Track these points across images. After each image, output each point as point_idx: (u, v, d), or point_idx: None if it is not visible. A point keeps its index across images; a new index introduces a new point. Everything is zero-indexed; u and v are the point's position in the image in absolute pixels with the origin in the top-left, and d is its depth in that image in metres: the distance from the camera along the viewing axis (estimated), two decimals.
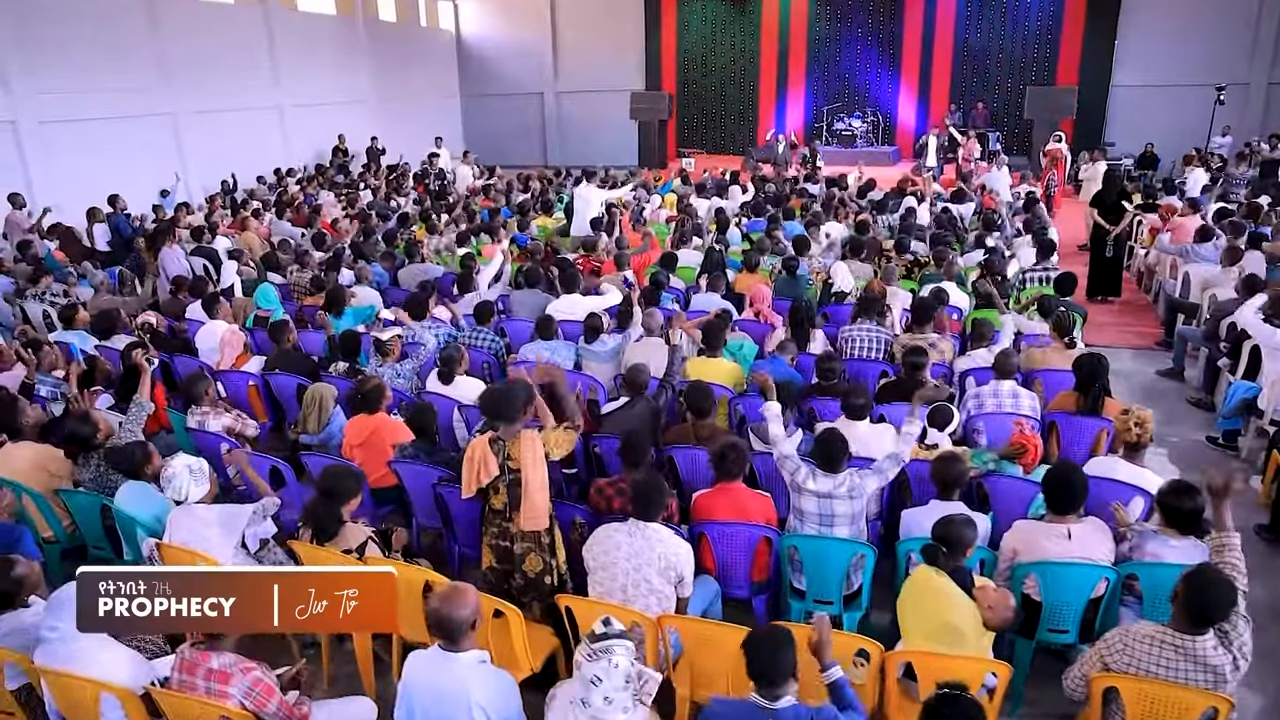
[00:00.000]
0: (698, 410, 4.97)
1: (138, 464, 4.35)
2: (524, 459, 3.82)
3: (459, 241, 10.12)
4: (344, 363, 6.20)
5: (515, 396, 3.86)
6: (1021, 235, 10.20)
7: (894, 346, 6.41)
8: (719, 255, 8.56)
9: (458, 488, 4.50)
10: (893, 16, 21.62)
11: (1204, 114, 19.08)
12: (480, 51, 25.10)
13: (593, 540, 3.73)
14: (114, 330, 7.09)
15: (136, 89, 14.10)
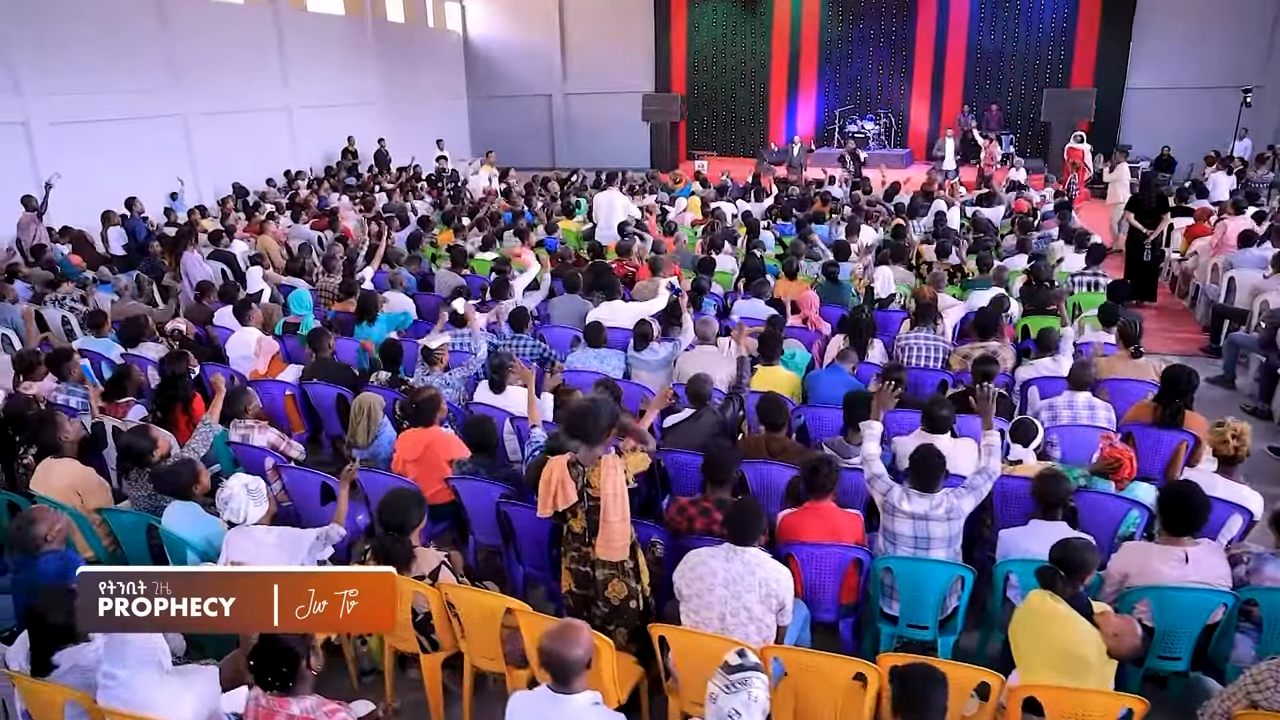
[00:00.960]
0: (771, 423, 4.76)
1: (186, 484, 4.12)
2: (604, 489, 3.61)
3: (485, 245, 9.91)
4: (385, 372, 5.97)
5: (600, 416, 3.63)
6: (1054, 239, 10.03)
7: (952, 356, 6.22)
8: (758, 260, 8.35)
9: (523, 506, 4.32)
10: (905, 18, 21.45)
11: (1219, 117, 18.98)
12: (488, 53, 24.88)
13: (685, 566, 3.51)
14: (141, 337, 6.85)
15: (146, 90, 13.86)
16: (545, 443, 4.30)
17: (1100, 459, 4.40)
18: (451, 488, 4.63)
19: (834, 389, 5.57)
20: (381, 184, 15.47)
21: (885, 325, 7.23)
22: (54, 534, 3.55)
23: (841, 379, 5.60)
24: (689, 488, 4.73)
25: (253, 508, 3.76)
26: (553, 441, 4.24)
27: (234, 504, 3.73)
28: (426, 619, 3.71)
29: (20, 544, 3.42)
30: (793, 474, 4.62)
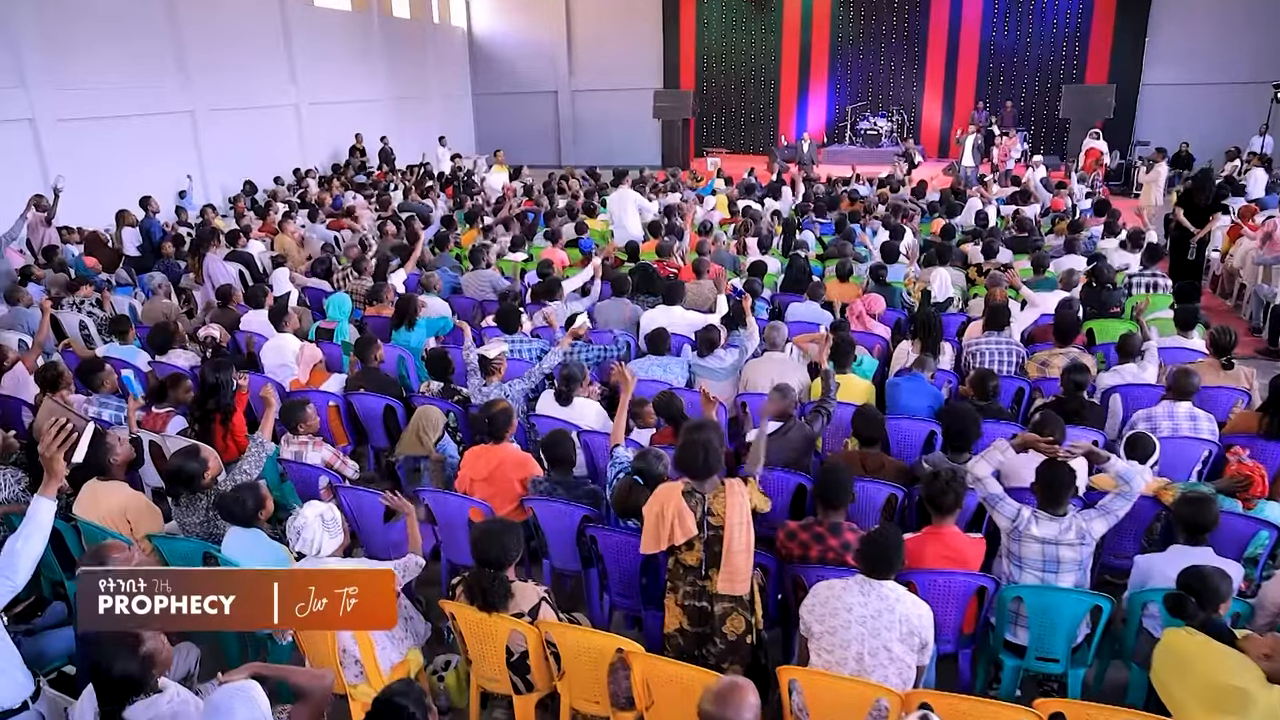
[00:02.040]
0: (868, 438, 4.46)
1: (251, 511, 3.79)
2: (729, 517, 3.33)
3: (513, 246, 9.59)
4: (437, 382, 5.65)
5: (715, 447, 3.36)
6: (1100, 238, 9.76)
7: (1029, 362, 5.94)
8: (803, 261, 8.06)
9: (611, 530, 4.03)
10: (917, 14, 21.21)
11: (1237, 113, 18.85)
12: (493, 49, 24.52)
13: (815, 601, 3.21)
14: (170, 343, 6.52)
15: (155, 85, 13.46)
16: (631, 464, 4.01)
17: (1228, 475, 4.12)
18: (528, 509, 4.32)
19: (915, 398, 5.31)
20: (395, 182, 15.08)
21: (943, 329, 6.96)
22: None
23: (923, 387, 5.33)
24: (778, 508, 4.44)
25: (327, 540, 3.44)
26: (639, 463, 3.96)
27: (307, 534, 3.40)
28: (522, 658, 3.40)
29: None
30: (890, 492, 4.34)
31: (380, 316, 7.47)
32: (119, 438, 4.39)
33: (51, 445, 2.73)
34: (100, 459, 4.21)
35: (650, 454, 3.90)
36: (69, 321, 7.86)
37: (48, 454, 2.73)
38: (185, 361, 6.45)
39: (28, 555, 2.74)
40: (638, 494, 3.78)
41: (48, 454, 2.73)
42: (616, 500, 3.96)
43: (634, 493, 3.82)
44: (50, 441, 2.73)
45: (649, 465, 3.86)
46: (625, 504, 3.90)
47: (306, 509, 3.42)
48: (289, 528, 3.46)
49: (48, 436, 2.73)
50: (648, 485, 3.79)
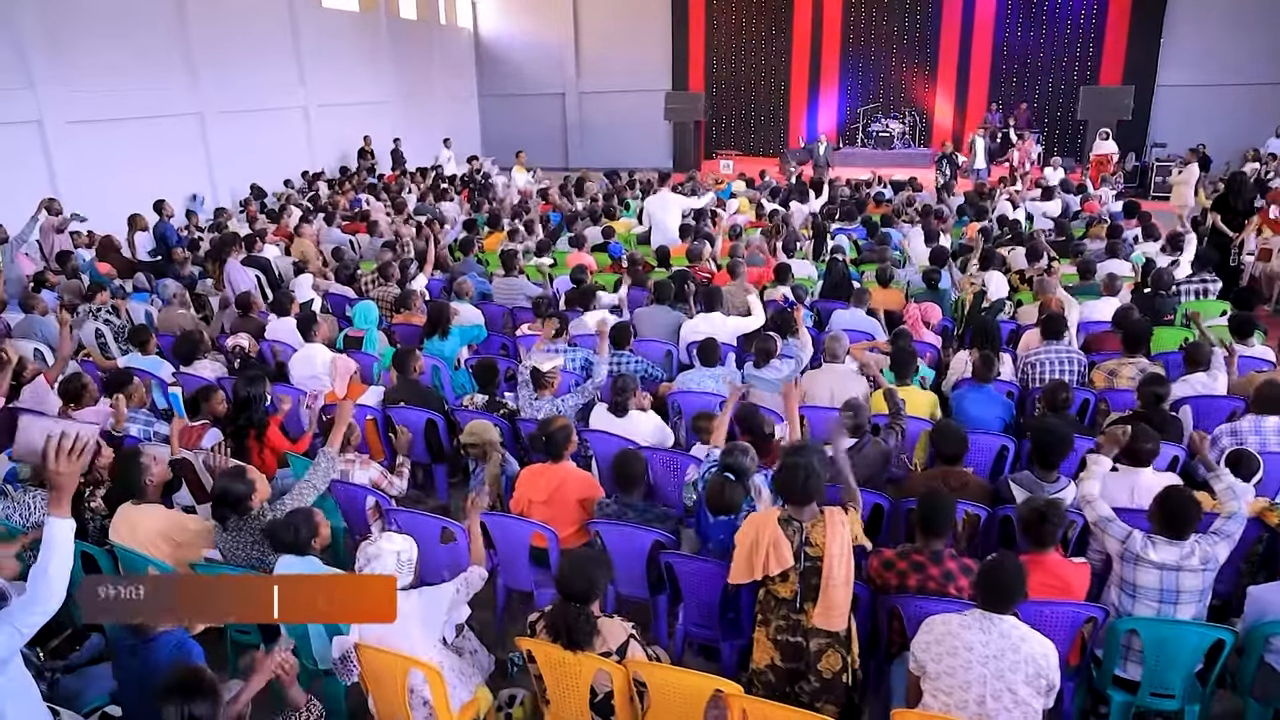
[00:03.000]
0: (950, 455, 4.22)
1: (304, 541, 3.54)
2: (829, 547, 3.12)
3: (539, 251, 9.34)
4: (482, 395, 5.40)
5: (817, 469, 3.14)
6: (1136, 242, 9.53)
7: (1094, 372, 5.71)
8: (843, 267, 7.82)
9: (689, 557, 3.79)
10: (930, 15, 20.99)
11: (1254, 114, 18.65)
12: (499, 50, 24.27)
13: (930, 637, 2.97)
14: (196, 354, 6.25)
15: (163, 87, 13.21)
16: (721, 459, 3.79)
17: None
18: (589, 532, 4.08)
19: (984, 410, 5.08)
20: (408, 185, 14.82)
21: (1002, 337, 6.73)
22: None
23: (992, 399, 5.10)
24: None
25: (400, 578, 3.19)
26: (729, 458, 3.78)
27: (380, 568, 3.15)
28: (607, 698, 3.16)
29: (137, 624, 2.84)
30: (975, 512, 4.11)
31: (409, 324, 7.22)
32: (154, 457, 4.14)
33: (59, 460, 2.49)
34: (135, 480, 3.96)
35: (738, 448, 3.78)
36: (85, 330, 7.59)
37: (58, 469, 2.50)
38: (212, 373, 6.20)
39: (56, 577, 2.52)
40: (732, 491, 3.70)
41: (58, 469, 2.50)
42: (710, 499, 3.78)
43: (727, 490, 3.70)
44: (55, 455, 2.49)
45: (738, 461, 3.74)
46: (719, 502, 3.75)
47: (385, 542, 3.16)
48: (360, 553, 3.21)
49: (51, 451, 2.49)
50: (739, 480, 3.71)
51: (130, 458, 3.98)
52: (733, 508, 3.72)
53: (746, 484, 3.75)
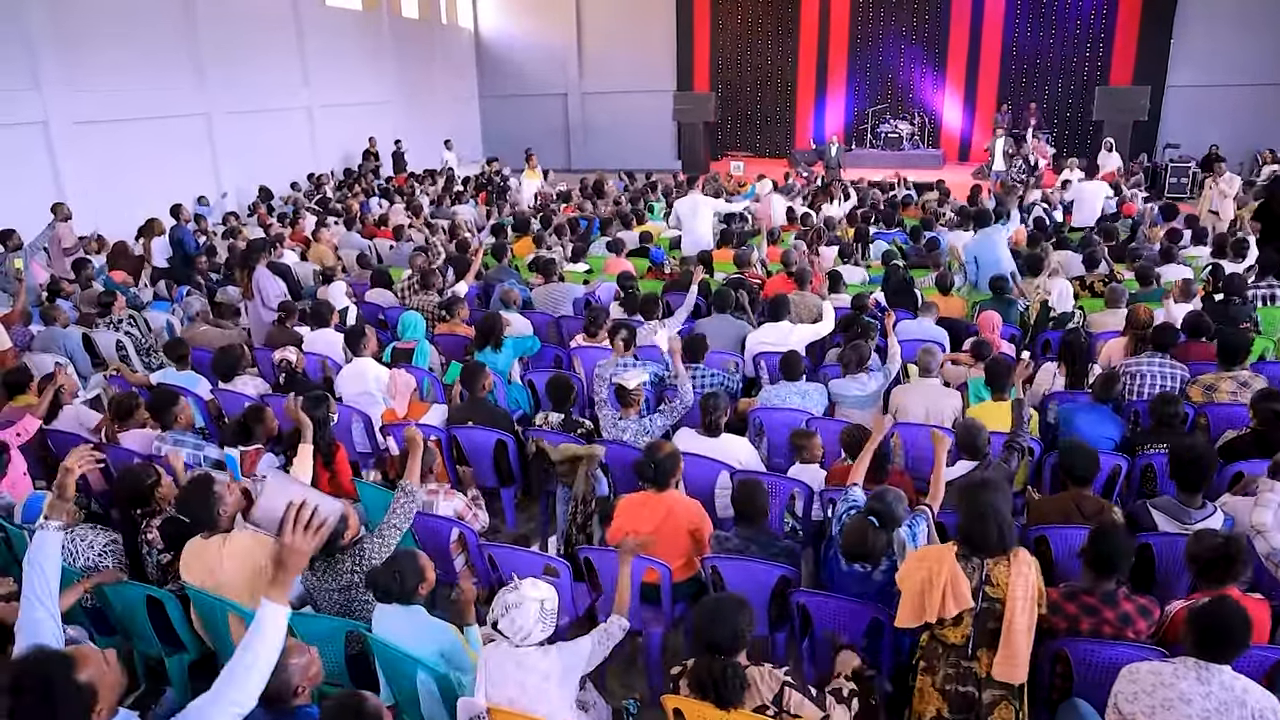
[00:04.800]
0: (1081, 477, 3.94)
1: (411, 590, 3.19)
2: (1013, 589, 2.82)
3: (574, 256, 9.02)
4: (556, 414, 5.07)
5: (1007, 515, 2.86)
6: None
7: (1192, 386, 5.44)
8: (903, 273, 7.55)
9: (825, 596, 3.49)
10: (938, 15, 20.83)
11: (1266, 114, 18.63)
12: (501, 51, 23.91)
13: (1138, 688, 2.68)
14: (236, 369, 5.89)
15: (170, 87, 12.79)
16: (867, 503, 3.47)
17: None
18: (710, 568, 3.77)
19: (1097, 428, 4.79)
20: (419, 188, 14.45)
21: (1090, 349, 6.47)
22: (309, 679, 2.62)
23: (1106, 416, 4.82)
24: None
25: (539, 631, 2.86)
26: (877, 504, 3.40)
27: (520, 618, 2.82)
28: None
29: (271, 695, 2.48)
30: None
31: (454, 335, 6.90)
32: (227, 484, 3.77)
33: (295, 534, 2.15)
34: (209, 512, 3.59)
35: (890, 494, 3.42)
36: (104, 342, 7.20)
37: (293, 545, 2.15)
38: (254, 390, 5.83)
39: (262, 672, 2.18)
40: (875, 538, 3.33)
41: (293, 545, 2.15)
42: (849, 543, 3.43)
43: (870, 536, 3.34)
44: (293, 528, 2.15)
45: (888, 508, 3.36)
46: (860, 548, 3.40)
47: (530, 589, 2.82)
48: (498, 601, 2.87)
49: (290, 523, 2.14)
50: (884, 528, 3.34)
51: (203, 485, 3.60)
52: (872, 556, 3.38)
53: (890, 535, 3.40)
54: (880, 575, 3.44)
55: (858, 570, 3.47)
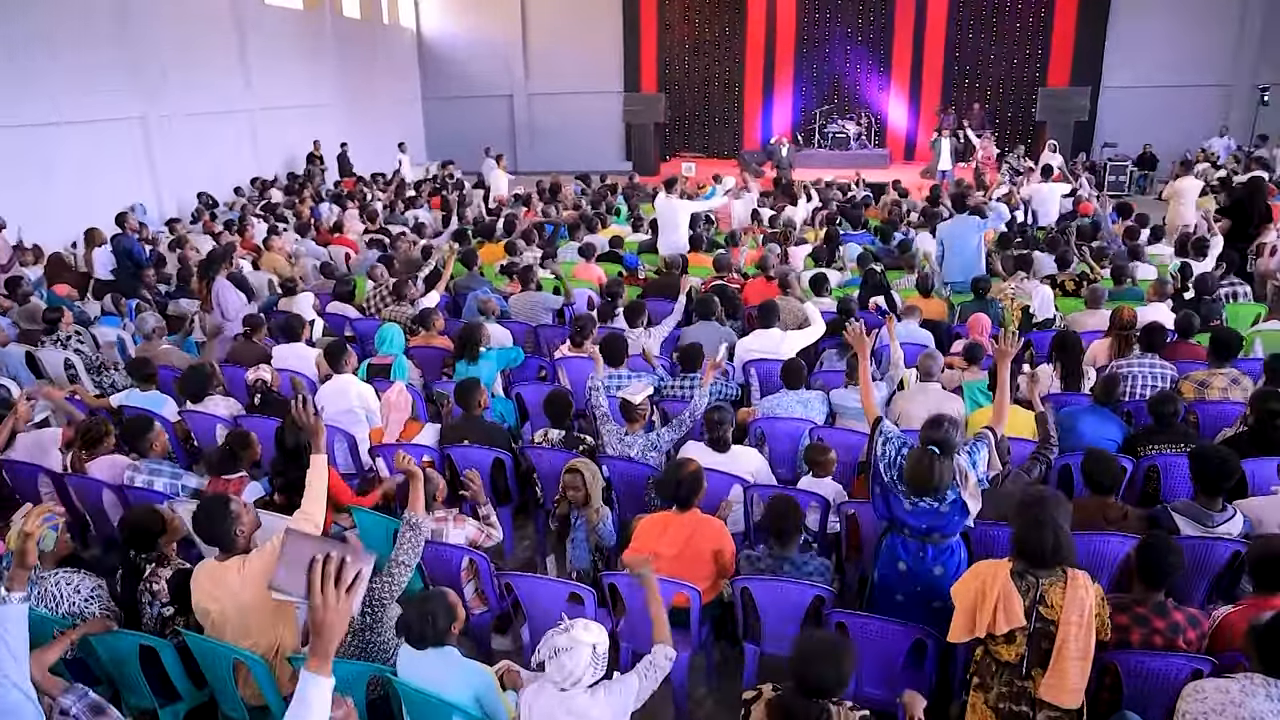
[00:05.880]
0: (1104, 486, 3.93)
1: (444, 631, 2.99)
2: (1067, 613, 2.76)
3: (542, 262, 8.80)
4: (556, 430, 4.90)
5: (1067, 529, 2.80)
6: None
7: (1183, 383, 5.52)
8: (880, 276, 7.54)
9: (864, 616, 3.39)
10: (882, 15, 21.08)
11: (1197, 114, 19.30)
12: (444, 51, 23.42)
13: (1204, 707, 2.62)
14: (206, 390, 5.56)
15: (104, 89, 12.12)
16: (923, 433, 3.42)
17: None
18: (739, 590, 3.64)
19: (1100, 431, 4.81)
20: (370, 193, 14.02)
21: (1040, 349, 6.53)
22: None
23: (1109, 419, 4.84)
24: None
25: (589, 676, 2.69)
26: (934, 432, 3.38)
27: (571, 663, 2.64)
28: None
29: None
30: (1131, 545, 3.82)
31: (430, 347, 6.65)
32: (244, 504, 3.51)
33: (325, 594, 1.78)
34: (227, 534, 3.32)
35: (944, 420, 3.38)
36: (51, 361, 6.78)
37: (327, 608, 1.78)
38: (226, 410, 5.52)
39: None
40: (941, 467, 3.28)
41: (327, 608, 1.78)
42: (914, 478, 3.36)
43: (937, 466, 3.29)
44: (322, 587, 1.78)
45: (946, 435, 3.33)
46: (926, 480, 3.33)
47: (582, 632, 2.64)
48: (545, 644, 2.69)
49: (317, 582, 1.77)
50: (945, 455, 3.29)
51: (219, 504, 3.34)
52: (942, 488, 3.31)
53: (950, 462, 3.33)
54: (948, 506, 3.37)
55: (925, 506, 3.40)
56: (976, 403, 5.38)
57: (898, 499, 3.49)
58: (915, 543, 3.50)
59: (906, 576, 3.53)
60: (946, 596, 3.37)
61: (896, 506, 3.50)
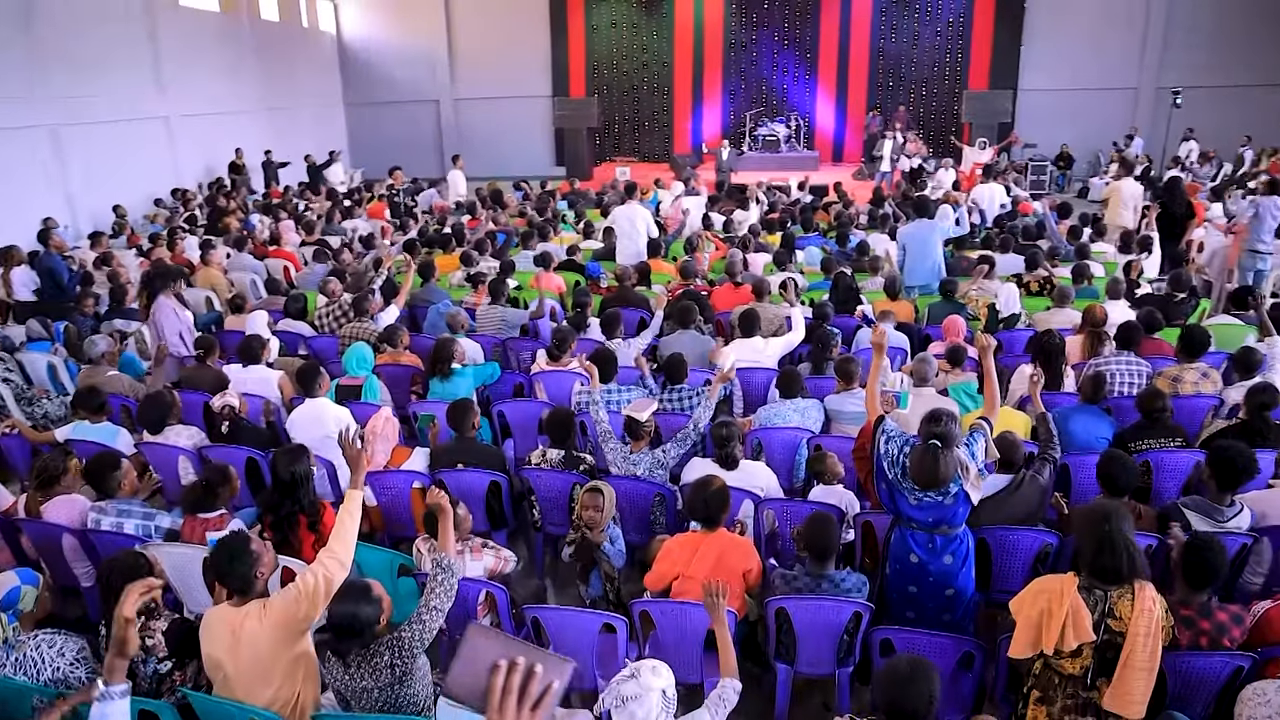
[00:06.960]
0: (1120, 487, 3.96)
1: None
2: (1135, 625, 2.75)
3: (503, 272, 8.57)
4: (556, 450, 4.72)
5: (1135, 544, 2.78)
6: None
7: (1158, 379, 5.66)
8: (849, 280, 7.57)
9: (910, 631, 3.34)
10: (808, 18, 21.42)
11: (1106, 117, 20.17)
12: (367, 56, 22.76)
13: (1270, 710, 2.67)
14: (166, 419, 5.18)
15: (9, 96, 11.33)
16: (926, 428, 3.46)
17: None
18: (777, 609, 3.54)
19: (1091, 430, 4.89)
20: (302, 203, 13.47)
21: (1011, 348, 6.65)
22: None
23: (1099, 418, 4.92)
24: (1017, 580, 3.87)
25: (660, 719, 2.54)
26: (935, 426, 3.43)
27: (640, 712, 2.48)
28: None
29: None
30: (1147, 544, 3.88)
31: (397, 365, 6.37)
32: (264, 544, 3.24)
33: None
34: (245, 574, 3.05)
35: (942, 415, 3.43)
36: None
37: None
38: (189, 441, 5.16)
39: None
40: (945, 461, 3.34)
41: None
42: (920, 474, 3.41)
43: (942, 461, 3.34)
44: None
45: (947, 429, 3.39)
46: (932, 475, 3.38)
47: (649, 675, 2.48)
48: (609, 694, 2.53)
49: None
50: (946, 448, 3.35)
51: (238, 543, 3.06)
52: (947, 481, 3.37)
53: (952, 455, 3.38)
54: (952, 499, 3.44)
55: (931, 500, 3.45)
56: (964, 406, 5.42)
57: (903, 495, 3.54)
58: (924, 534, 3.54)
59: (919, 568, 3.56)
60: (958, 584, 3.53)
61: (902, 502, 3.55)
